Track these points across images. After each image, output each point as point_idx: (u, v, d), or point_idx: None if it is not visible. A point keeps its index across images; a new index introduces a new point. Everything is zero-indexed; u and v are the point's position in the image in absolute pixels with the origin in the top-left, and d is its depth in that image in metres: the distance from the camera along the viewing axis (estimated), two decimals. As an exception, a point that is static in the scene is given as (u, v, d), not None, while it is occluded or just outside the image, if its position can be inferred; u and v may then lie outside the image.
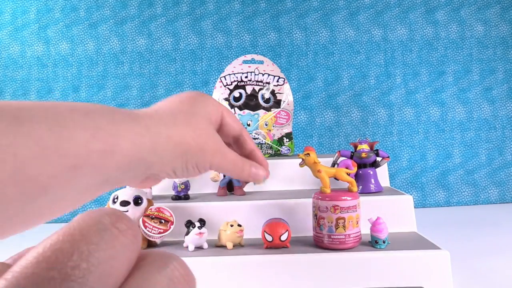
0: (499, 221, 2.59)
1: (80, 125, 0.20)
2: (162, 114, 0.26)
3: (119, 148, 0.21)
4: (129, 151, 0.22)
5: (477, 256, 1.89)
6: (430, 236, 2.20)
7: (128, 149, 0.22)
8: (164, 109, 0.27)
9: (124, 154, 0.22)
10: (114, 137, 0.21)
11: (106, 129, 0.21)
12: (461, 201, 3.21)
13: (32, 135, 0.17)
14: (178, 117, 0.27)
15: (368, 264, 1.22)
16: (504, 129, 3.22)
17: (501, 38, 3.25)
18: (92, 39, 3.29)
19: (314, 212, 1.27)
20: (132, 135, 0.22)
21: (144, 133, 0.23)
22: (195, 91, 0.33)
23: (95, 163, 0.20)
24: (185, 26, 3.30)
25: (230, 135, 0.35)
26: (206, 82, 3.29)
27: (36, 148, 0.17)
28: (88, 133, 0.20)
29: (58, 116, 0.19)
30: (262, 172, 0.36)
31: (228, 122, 0.34)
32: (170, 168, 0.27)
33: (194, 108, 0.29)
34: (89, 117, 0.20)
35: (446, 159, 3.23)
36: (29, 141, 0.17)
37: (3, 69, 3.26)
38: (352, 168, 1.43)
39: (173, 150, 0.26)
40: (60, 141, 0.18)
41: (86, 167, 0.20)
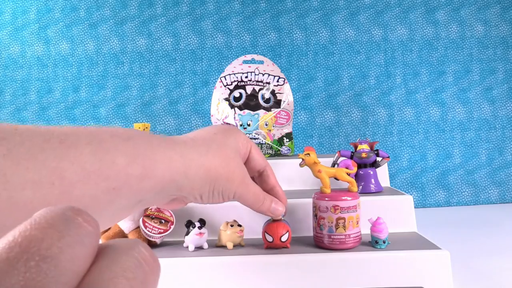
0: (499, 221, 2.59)
1: (121, 150, 0.21)
2: (197, 142, 0.29)
3: (155, 172, 0.23)
4: (164, 175, 0.24)
5: (477, 256, 1.89)
6: (430, 236, 2.20)
7: (163, 173, 0.24)
8: (199, 137, 0.30)
9: (159, 178, 0.24)
10: (151, 162, 0.23)
11: (144, 155, 0.23)
12: (461, 201, 3.21)
13: (78, 159, 0.19)
14: (211, 147, 0.29)
15: (368, 264, 1.22)
16: (504, 129, 3.22)
17: (501, 38, 3.25)
18: (92, 39, 3.29)
19: (314, 212, 1.27)
20: (167, 160, 0.24)
21: (178, 158, 0.25)
22: (229, 126, 0.36)
23: (133, 186, 0.22)
24: (185, 26, 3.30)
25: (256, 169, 0.37)
26: (206, 82, 3.29)
27: (81, 171, 0.19)
28: (128, 158, 0.22)
29: (101, 141, 0.20)
30: (281, 208, 0.38)
31: (255, 156, 0.36)
32: (198, 193, 0.29)
33: (226, 140, 0.32)
34: (129, 143, 0.22)
35: (446, 159, 3.23)
36: (75, 165, 0.19)
37: (3, 69, 3.26)
38: (352, 168, 1.43)
39: (203, 176, 0.28)
40: (103, 165, 0.20)
41: (125, 190, 0.22)
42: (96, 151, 0.20)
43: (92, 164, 0.19)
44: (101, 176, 0.20)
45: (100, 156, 0.20)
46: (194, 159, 0.27)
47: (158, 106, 3.28)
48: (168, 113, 3.28)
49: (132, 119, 3.27)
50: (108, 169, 0.20)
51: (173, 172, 0.25)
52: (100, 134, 0.21)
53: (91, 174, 0.19)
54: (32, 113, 3.26)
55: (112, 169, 0.20)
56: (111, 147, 0.21)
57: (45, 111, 3.26)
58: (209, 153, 0.29)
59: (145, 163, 0.22)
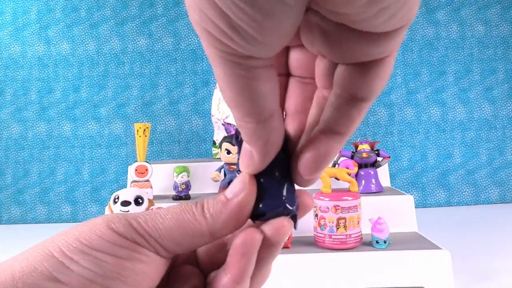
0: (500, 221, 2.59)
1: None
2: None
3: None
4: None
5: (477, 256, 1.89)
6: (431, 236, 2.20)
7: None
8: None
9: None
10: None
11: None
12: (462, 201, 3.21)
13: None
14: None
15: (369, 264, 1.22)
16: (505, 129, 3.22)
17: (502, 38, 3.25)
18: (93, 39, 3.29)
19: (315, 212, 1.27)
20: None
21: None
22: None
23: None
24: (186, 26, 3.30)
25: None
26: (207, 82, 3.29)
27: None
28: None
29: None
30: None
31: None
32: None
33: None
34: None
35: (446, 159, 3.23)
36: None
37: (4, 69, 3.26)
38: (353, 168, 1.44)
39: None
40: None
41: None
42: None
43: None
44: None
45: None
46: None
47: (159, 106, 3.28)
48: (168, 113, 3.28)
49: (133, 119, 3.27)
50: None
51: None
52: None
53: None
54: (32, 113, 3.26)
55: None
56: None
57: (46, 111, 3.26)
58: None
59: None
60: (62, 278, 0.19)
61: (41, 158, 3.25)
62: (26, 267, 0.19)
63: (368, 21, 0.15)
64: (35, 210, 3.21)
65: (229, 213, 0.21)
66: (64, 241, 0.20)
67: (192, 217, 0.21)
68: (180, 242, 0.21)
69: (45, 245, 0.20)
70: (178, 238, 0.21)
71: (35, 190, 3.23)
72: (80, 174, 3.25)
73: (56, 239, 0.20)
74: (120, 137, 3.27)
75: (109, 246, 0.20)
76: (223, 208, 0.21)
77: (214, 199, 0.22)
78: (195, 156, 3.26)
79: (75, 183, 3.25)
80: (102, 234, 0.20)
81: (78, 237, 0.20)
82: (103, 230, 0.20)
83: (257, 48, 0.15)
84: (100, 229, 0.20)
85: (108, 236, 0.20)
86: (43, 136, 3.26)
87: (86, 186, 3.25)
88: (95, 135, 3.27)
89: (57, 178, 3.25)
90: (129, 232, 0.21)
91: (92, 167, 3.26)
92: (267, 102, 0.18)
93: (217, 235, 0.21)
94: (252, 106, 0.17)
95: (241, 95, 0.17)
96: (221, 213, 0.21)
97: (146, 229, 0.21)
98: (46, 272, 0.19)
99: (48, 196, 3.23)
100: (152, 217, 0.21)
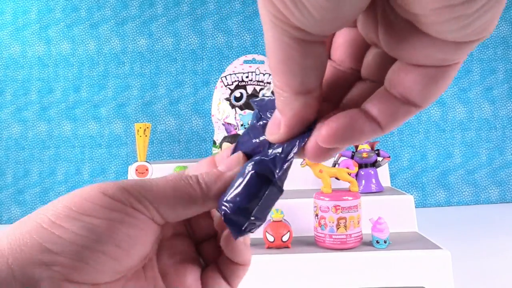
0: (500, 221, 2.59)
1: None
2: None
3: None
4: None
5: (478, 256, 1.89)
6: (431, 236, 2.21)
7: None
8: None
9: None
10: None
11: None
12: (462, 201, 3.21)
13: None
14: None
15: (369, 264, 1.22)
16: (505, 129, 3.22)
17: (502, 38, 3.25)
18: (93, 39, 3.29)
19: (315, 212, 1.27)
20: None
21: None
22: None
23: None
24: (186, 26, 3.30)
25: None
26: (207, 82, 3.29)
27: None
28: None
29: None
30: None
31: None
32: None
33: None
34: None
35: (446, 159, 3.23)
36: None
37: (4, 69, 3.26)
38: (353, 168, 1.44)
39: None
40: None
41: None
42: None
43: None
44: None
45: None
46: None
47: (159, 106, 3.28)
48: (168, 113, 3.28)
49: (133, 119, 3.27)
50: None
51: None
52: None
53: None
54: (33, 112, 3.26)
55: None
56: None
57: (46, 111, 3.26)
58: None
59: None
60: (54, 248, 0.18)
61: (41, 158, 3.25)
62: (14, 242, 0.18)
63: (438, 26, 0.14)
64: (35, 210, 3.21)
65: (222, 185, 0.22)
66: (52, 211, 0.20)
67: (187, 184, 0.22)
68: (174, 207, 0.21)
69: (32, 218, 0.20)
70: (173, 203, 0.21)
71: (35, 190, 3.23)
72: (80, 174, 3.25)
73: (44, 209, 0.20)
74: (120, 137, 3.27)
75: (101, 210, 0.20)
76: (217, 179, 0.22)
77: (208, 172, 0.23)
78: (195, 156, 3.26)
79: (75, 183, 3.25)
80: (94, 199, 0.20)
81: (68, 204, 0.20)
82: (95, 195, 0.20)
83: (312, 24, 0.15)
84: (91, 195, 0.20)
85: (100, 200, 0.20)
86: (43, 136, 3.26)
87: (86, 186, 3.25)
88: (95, 135, 3.27)
89: (57, 178, 3.25)
90: (123, 196, 0.20)
91: (92, 167, 3.26)
92: (308, 77, 0.17)
93: (208, 204, 0.22)
94: (292, 77, 0.17)
95: (284, 64, 0.16)
96: (215, 184, 0.22)
97: (141, 192, 0.21)
98: (36, 244, 0.18)
99: (48, 196, 3.23)
100: (147, 182, 0.21)
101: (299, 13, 0.14)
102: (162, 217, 0.21)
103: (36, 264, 0.18)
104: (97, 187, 0.21)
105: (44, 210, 0.20)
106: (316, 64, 0.17)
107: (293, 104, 0.18)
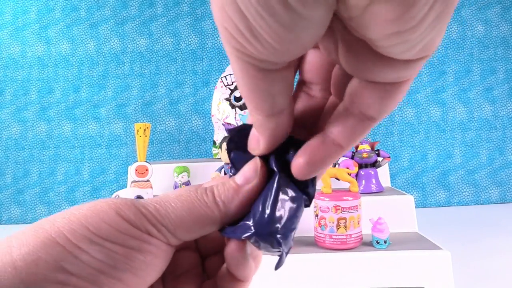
0: (500, 221, 2.59)
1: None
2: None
3: None
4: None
5: (478, 256, 1.89)
6: (431, 236, 2.21)
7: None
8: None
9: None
10: None
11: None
12: (462, 201, 3.21)
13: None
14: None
15: (369, 264, 1.22)
16: (505, 129, 3.22)
17: (502, 38, 3.25)
18: (93, 39, 3.29)
19: (315, 212, 1.27)
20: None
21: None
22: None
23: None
24: (186, 26, 3.30)
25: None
26: (207, 82, 3.29)
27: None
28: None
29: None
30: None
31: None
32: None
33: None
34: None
35: (446, 159, 3.23)
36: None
37: (4, 69, 3.26)
38: (353, 168, 1.44)
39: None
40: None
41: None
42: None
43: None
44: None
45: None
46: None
47: (159, 106, 3.28)
48: (168, 113, 3.28)
49: (133, 119, 3.27)
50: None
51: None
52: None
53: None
54: (32, 113, 3.26)
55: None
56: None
57: (46, 111, 3.26)
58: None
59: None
60: (70, 268, 0.18)
61: (41, 158, 3.25)
62: (27, 255, 0.18)
63: (389, 48, 0.15)
64: (35, 210, 3.21)
65: (240, 200, 0.21)
66: (68, 227, 0.19)
67: (204, 204, 0.21)
68: (191, 230, 0.20)
69: (45, 229, 0.19)
70: (189, 226, 0.20)
71: (35, 190, 3.23)
72: (80, 174, 3.25)
73: (57, 222, 0.19)
74: (120, 137, 3.27)
75: (119, 236, 0.19)
76: (235, 195, 0.21)
77: (224, 185, 0.21)
78: (195, 156, 3.26)
79: (75, 183, 3.25)
80: (111, 221, 0.19)
81: (84, 223, 0.19)
82: (112, 217, 0.19)
83: (273, 54, 0.15)
84: (108, 216, 0.19)
85: (118, 225, 0.19)
86: (43, 136, 3.25)
87: (86, 186, 3.25)
88: (95, 135, 3.27)
89: (57, 178, 3.24)
90: (140, 221, 0.20)
91: (92, 167, 3.26)
92: (276, 100, 0.18)
93: (228, 222, 0.21)
94: (261, 103, 0.18)
95: (253, 92, 0.17)
96: (233, 200, 0.21)
97: (158, 218, 0.20)
98: (52, 262, 0.18)
99: (48, 196, 3.23)
100: (162, 205, 0.20)
101: (260, 45, 0.15)
102: (177, 238, 0.21)
103: (51, 282, 0.17)
104: (113, 207, 0.20)
105: (58, 223, 0.19)
106: (283, 88, 0.18)
107: (267, 125, 0.19)
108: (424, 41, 0.15)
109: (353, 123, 0.19)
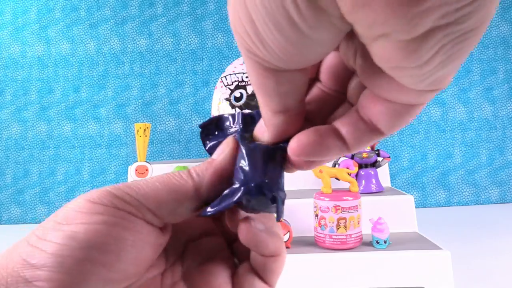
0: (500, 221, 2.59)
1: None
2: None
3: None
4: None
5: (478, 256, 1.89)
6: (431, 236, 2.21)
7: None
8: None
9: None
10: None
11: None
12: (462, 201, 3.21)
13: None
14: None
15: (369, 264, 1.22)
16: (505, 129, 3.22)
17: (502, 38, 3.25)
18: (93, 39, 3.29)
19: (315, 212, 1.27)
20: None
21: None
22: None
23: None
24: (186, 26, 3.30)
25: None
26: (207, 82, 3.29)
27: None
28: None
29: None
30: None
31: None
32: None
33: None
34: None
35: (446, 159, 3.23)
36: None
37: (4, 69, 3.26)
38: (353, 168, 1.44)
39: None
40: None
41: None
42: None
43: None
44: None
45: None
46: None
47: (159, 106, 3.28)
48: (168, 113, 3.28)
49: (133, 119, 3.27)
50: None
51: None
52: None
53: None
54: (32, 113, 3.26)
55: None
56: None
57: (46, 111, 3.26)
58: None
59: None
60: (36, 262, 0.17)
61: (41, 158, 3.25)
62: (3, 261, 0.18)
63: (398, 78, 0.15)
64: (35, 210, 3.21)
65: (213, 170, 0.21)
66: (41, 228, 0.19)
67: (179, 177, 0.21)
68: (167, 203, 0.20)
69: (22, 238, 0.19)
70: (164, 199, 0.20)
71: (35, 190, 3.23)
72: (80, 174, 3.25)
73: (35, 228, 0.19)
74: (120, 137, 3.27)
75: (83, 216, 0.19)
76: (208, 166, 0.22)
77: (201, 163, 0.22)
78: (195, 156, 3.26)
79: (75, 183, 3.25)
80: (78, 207, 0.19)
81: (53, 218, 0.19)
82: (80, 203, 0.19)
83: (277, 61, 0.16)
84: (76, 204, 0.19)
85: (84, 207, 0.19)
86: (43, 136, 3.25)
87: (86, 186, 3.25)
88: (95, 135, 3.27)
89: (57, 178, 3.24)
90: (107, 198, 0.19)
91: (92, 167, 3.26)
92: (283, 99, 0.18)
93: (203, 194, 0.21)
94: (269, 100, 0.18)
95: (260, 89, 0.18)
96: (206, 170, 0.21)
97: (127, 191, 0.20)
98: (20, 261, 0.18)
99: (48, 196, 3.23)
100: (134, 183, 0.20)
101: (266, 52, 0.16)
102: (156, 216, 0.20)
103: (20, 282, 0.17)
104: (84, 196, 0.20)
105: (35, 229, 0.19)
106: (292, 89, 0.18)
107: (273, 121, 0.20)
108: (434, 77, 0.15)
109: (362, 128, 0.19)
